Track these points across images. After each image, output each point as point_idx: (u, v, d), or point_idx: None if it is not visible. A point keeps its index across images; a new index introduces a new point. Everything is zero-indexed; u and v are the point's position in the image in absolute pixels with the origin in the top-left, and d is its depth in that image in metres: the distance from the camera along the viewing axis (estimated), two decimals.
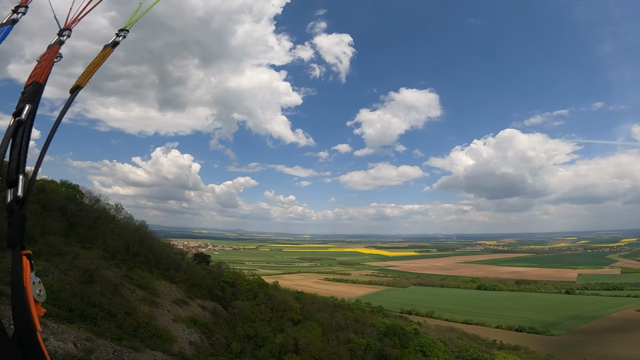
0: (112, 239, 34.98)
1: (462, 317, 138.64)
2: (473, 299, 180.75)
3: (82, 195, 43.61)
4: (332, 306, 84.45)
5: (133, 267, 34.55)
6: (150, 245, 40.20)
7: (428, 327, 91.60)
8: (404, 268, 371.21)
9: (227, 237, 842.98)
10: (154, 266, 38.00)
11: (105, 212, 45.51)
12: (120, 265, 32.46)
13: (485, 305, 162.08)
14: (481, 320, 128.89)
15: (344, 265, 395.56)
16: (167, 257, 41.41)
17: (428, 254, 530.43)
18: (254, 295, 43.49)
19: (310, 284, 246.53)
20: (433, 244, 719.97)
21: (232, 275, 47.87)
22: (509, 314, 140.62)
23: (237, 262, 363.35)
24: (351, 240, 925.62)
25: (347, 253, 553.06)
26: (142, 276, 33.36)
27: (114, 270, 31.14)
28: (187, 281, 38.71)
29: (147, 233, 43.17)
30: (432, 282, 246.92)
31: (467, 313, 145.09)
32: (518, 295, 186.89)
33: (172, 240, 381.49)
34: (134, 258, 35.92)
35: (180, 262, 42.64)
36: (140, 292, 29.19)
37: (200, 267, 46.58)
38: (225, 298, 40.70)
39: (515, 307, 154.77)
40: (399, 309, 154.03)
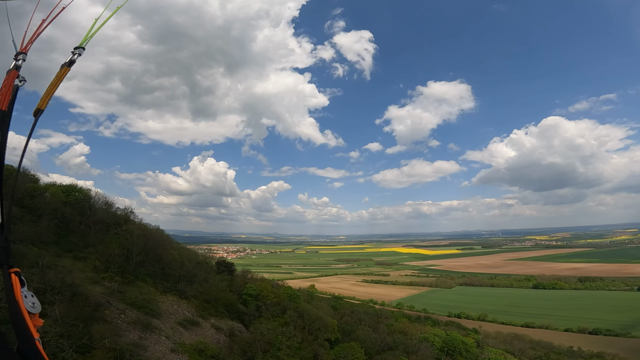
0: (109, 248, 29.48)
1: (521, 319, 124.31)
2: (531, 299, 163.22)
3: (90, 199, 38.97)
4: (374, 316, 75.63)
5: (134, 280, 28.82)
6: (159, 254, 34.40)
7: (487, 335, 79.80)
8: (447, 267, 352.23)
9: (264, 241, 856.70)
10: (162, 278, 32.11)
11: (116, 217, 40.65)
12: (115, 278, 26.69)
13: (547, 306, 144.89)
14: (545, 322, 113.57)
15: (381, 266, 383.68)
16: (180, 267, 35.46)
17: (472, 252, 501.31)
18: (282, 311, 36.48)
19: (348, 287, 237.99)
20: (476, 241, 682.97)
21: (256, 287, 41.16)
22: (576, 315, 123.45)
23: (274, 266, 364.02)
24: (388, 239, 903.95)
25: (384, 253, 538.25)
26: (143, 291, 27.44)
27: (106, 284, 25.37)
28: (201, 296, 32.56)
29: (156, 240, 37.47)
30: (480, 281, 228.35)
31: (526, 315, 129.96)
32: (583, 294, 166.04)
33: (213, 246, 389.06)
34: (136, 269, 30.18)
35: (195, 272, 36.43)
36: (132, 313, 23.19)
37: (219, 278, 40.28)
38: (248, 314, 33.97)
39: (582, 307, 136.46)
40: (446, 312, 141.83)
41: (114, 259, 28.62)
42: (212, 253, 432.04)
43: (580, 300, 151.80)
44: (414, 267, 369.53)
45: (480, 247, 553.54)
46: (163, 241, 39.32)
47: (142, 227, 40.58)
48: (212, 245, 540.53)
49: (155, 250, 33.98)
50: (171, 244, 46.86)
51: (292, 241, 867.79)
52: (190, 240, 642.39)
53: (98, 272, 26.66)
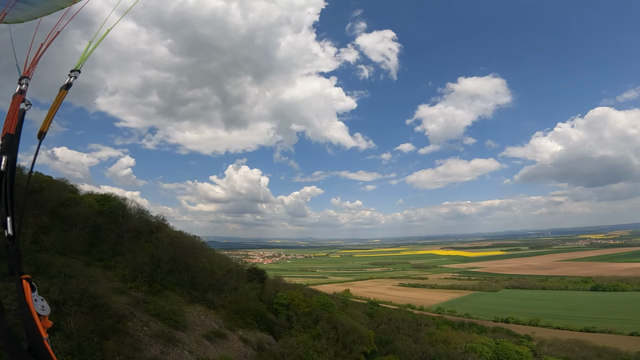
0: (137, 256, 29.26)
1: (579, 323, 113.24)
2: (589, 302, 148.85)
3: (124, 208, 39.62)
4: (413, 323, 71.33)
5: (162, 289, 28.27)
6: (188, 263, 33.86)
7: (542, 342, 72.35)
8: (491, 269, 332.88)
9: (298, 245, 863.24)
10: (191, 287, 31.42)
11: (149, 225, 41.01)
12: (142, 287, 26.22)
13: (608, 309, 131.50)
14: (608, 327, 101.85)
15: (419, 269, 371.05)
16: (209, 276, 34.70)
17: (518, 253, 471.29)
18: (315, 322, 34.59)
19: (384, 291, 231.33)
20: (523, 242, 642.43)
21: (287, 296, 39.51)
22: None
23: (308, 270, 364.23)
24: (424, 242, 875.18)
25: (421, 256, 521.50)
26: (170, 302, 26.74)
27: (132, 294, 24.88)
28: (230, 306, 31.53)
29: (186, 248, 37.05)
30: (529, 283, 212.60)
31: (584, 319, 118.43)
32: None
33: (249, 251, 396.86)
34: (164, 278, 29.69)
35: (225, 281, 35.51)
36: (156, 325, 22.39)
37: (250, 287, 39.16)
38: (278, 325, 32.36)
39: None
40: (492, 317, 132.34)
41: (142, 267, 28.39)
42: (249, 258, 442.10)
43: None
44: (454, 269, 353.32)
45: (528, 248, 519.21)
46: (194, 249, 39.14)
47: (172, 235, 40.56)
48: (249, 250, 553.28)
49: (184, 259, 33.51)
50: (202, 251, 46.59)
51: (326, 245, 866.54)
52: (228, 246, 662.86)
53: (126, 281, 26.44)
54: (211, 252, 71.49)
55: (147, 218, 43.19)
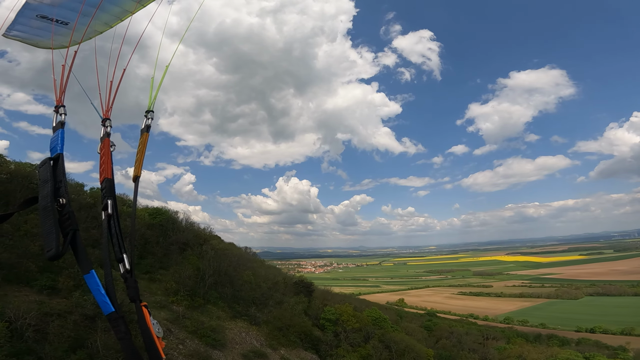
0: (181, 269, 29.08)
1: None
2: None
3: (175, 221, 40.57)
4: (479, 336, 63.89)
5: (204, 303, 27.65)
6: (231, 276, 33.15)
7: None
8: (568, 275, 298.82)
9: (350, 254, 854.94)
10: (234, 302, 30.54)
11: (197, 237, 41.55)
12: (183, 302, 25.75)
13: None
14: None
15: (481, 277, 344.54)
16: (253, 290, 33.66)
17: (601, 257, 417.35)
18: (365, 339, 31.67)
19: (442, 300, 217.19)
20: (605, 244, 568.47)
21: (336, 310, 36.94)
22: None
23: (360, 279, 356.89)
24: (486, 248, 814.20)
25: (483, 262, 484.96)
26: (212, 316, 25.89)
27: (173, 308, 24.40)
28: (274, 321, 30.00)
29: (231, 260, 36.49)
30: (617, 290, 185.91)
31: None
32: None
33: (302, 261, 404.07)
34: (207, 292, 29.13)
35: (270, 294, 34.19)
36: (192, 343, 21.47)
37: (296, 300, 37.37)
38: (325, 342, 30.02)
39: None
40: (574, 326, 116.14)
41: (185, 281, 28.12)
42: (301, 268, 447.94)
43: None
44: (524, 276, 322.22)
45: (612, 251, 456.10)
46: (241, 261, 38.61)
47: (218, 247, 40.41)
48: (301, 260, 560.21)
49: (229, 272, 32.88)
50: (249, 263, 46.12)
51: (379, 254, 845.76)
52: (281, 256, 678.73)
53: (168, 295, 26.19)
54: (260, 264, 71.50)
55: (197, 230, 43.88)
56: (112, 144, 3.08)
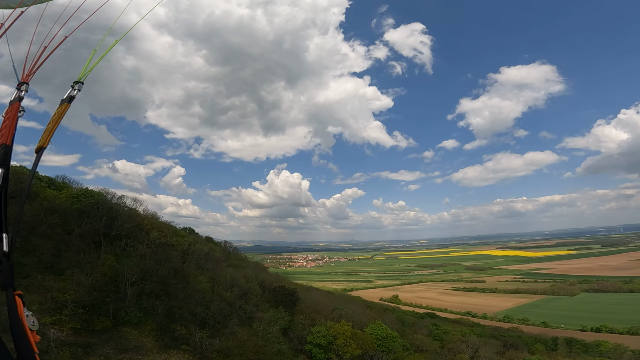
0: (79, 274, 19.72)
1: None
2: None
3: (108, 205, 31.09)
4: (497, 344, 56.42)
5: (114, 326, 18.51)
6: (171, 284, 23.95)
7: None
8: (559, 270, 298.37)
9: (341, 248, 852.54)
10: (171, 321, 21.55)
11: (140, 227, 32.21)
12: (67, 323, 16.49)
13: None
14: None
15: (473, 271, 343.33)
16: (209, 302, 24.58)
17: (589, 252, 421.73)
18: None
19: (436, 296, 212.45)
20: (592, 240, 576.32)
21: (329, 331, 28.06)
22: None
23: (352, 274, 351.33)
24: (476, 242, 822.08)
25: (474, 257, 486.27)
26: (126, 345, 16.85)
27: (49, 333, 15.24)
28: (233, 354, 20.81)
29: (174, 259, 27.09)
30: (613, 286, 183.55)
31: None
32: None
33: (293, 255, 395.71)
34: (122, 309, 20.01)
35: (233, 310, 25.15)
36: None
37: (272, 317, 28.38)
38: None
39: None
40: (578, 325, 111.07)
41: (80, 291, 18.66)
42: (292, 262, 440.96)
43: None
44: (515, 271, 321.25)
45: (600, 246, 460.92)
46: (201, 261, 29.47)
47: (156, 241, 30.73)
48: (293, 254, 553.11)
49: (168, 278, 23.63)
50: (208, 264, 36.68)
51: (370, 247, 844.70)
52: (272, 250, 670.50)
53: (49, 311, 17.04)
54: (240, 262, 62.15)
55: (136, 217, 34.64)
56: (22, 110, 2.78)
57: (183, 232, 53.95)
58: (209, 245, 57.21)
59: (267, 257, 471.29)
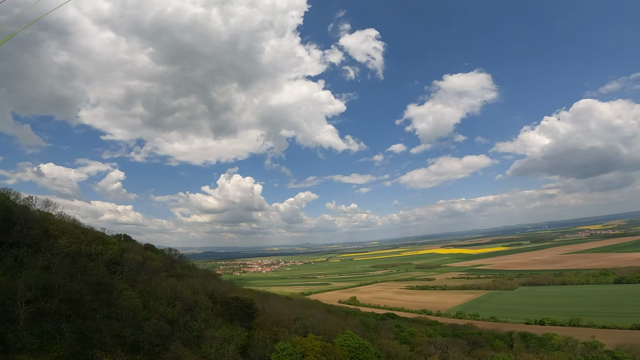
0: None
1: (625, 321, 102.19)
2: (621, 297, 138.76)
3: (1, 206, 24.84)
4: (463, 342, 57.53)
5: (6, 352, 14.52)
6: (85, 302, 19.12)
7: (619, 347, 59.05)
8: (498, 266, 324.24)
9: (296, 252, 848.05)
10: (86, 347, 17.02)
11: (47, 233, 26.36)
12: None
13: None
14: None
15: (423, 270, 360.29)
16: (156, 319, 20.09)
17: (521, 248, 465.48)
18: None
19: (392, 295, 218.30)
20: (522, 236, 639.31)
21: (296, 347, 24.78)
22: None
23: (309, 277, 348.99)
24: (423, 241, 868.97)
25: (422, 256, 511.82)
26: None
27: None
28: None
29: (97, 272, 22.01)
30: (546, 279, 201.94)
31: (629, 315, 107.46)
32: None
33: (247, 260, 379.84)
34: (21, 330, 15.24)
35: (173, 329, 20.81)
36: None
37: (225, 334, 24.49)
38: None
39: None
40: (522, 319, 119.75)
41: None
42: (247, 267, 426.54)
43: None
44: (460, 268, 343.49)
45: (529, 242, 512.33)
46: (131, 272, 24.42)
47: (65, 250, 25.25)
48: (247, 259, 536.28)
49: (87, 291, 18.76)
50: (138, 275, 31.46)
51: (325, 250, 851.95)
52: (225, 256, 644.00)
53: None
54: (187, 270, 56.23)
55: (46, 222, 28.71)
56: None
57: (114, 239, 48.66)
58: (147, 254, 50.94)
59: (219, 264, 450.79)
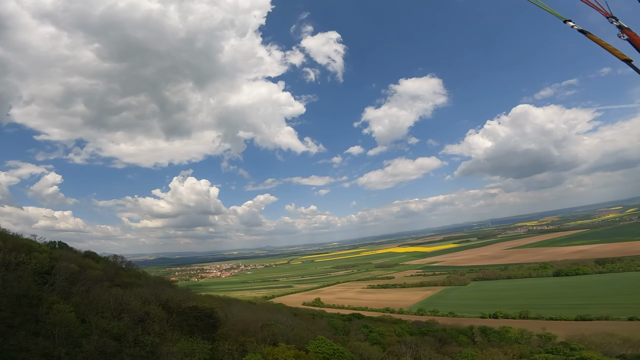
0: None
1: (569, 312, 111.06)
2: (561, 289, 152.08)
3: None
4: (432, 340, 59.55)
5: None
6: None
7: (570, 337, 64.89)
8: (450, 262, 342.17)
9: (257, 255, 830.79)
10: None
11: None
12: None
13: (585, 294, 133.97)
14: (602, 313, 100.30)
15: (382, 269, 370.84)
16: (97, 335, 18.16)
17: (469, 244, 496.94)
18: None
19: (355, 295, 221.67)
20: (469, 233, 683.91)
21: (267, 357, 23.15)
22: (626, 300, 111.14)
23: (271, 280, 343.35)
24: (381, 241, 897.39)
25: (381, 255, 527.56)
26: None
27: None
28: None
29: None
30: (494, 274, 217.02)
31: (571, 307, 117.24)
32: (613, 277, 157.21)
33: (205, 265, 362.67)
34: None
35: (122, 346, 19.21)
36: None
37: (185, 349, 22.53)
38: None
39: (624, 292, 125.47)
40: (478, 313, 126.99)
41: None
42: (205, 273, 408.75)
43: (615, 284, 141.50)
44: (416, 266, 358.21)
45: (476, 239, 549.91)
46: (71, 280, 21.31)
47: None
48: (205, 264, 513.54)
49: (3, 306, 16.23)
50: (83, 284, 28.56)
51: (286, 252, 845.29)
52: (181, 262, 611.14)
53: None
54: (135, 278, 52.05)
55: None
56: None
57: (44, 247, 44.34)
58: (86, 262, 46.42)
59: (174, 270, 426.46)
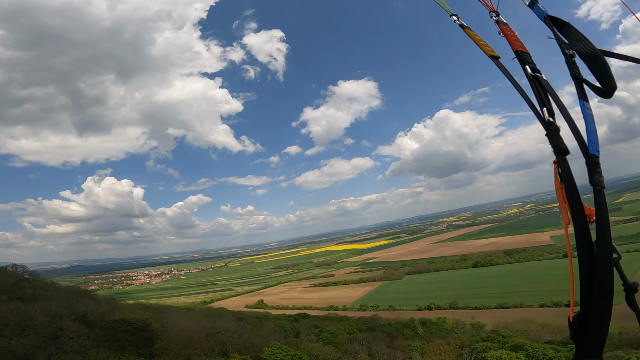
0: None
1: (490, 301, 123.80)
2: (481, 279, 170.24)
3: None
4: (383, 335, 63.69)
5: None
6: None
7: (500, 325, 73.13)
8: (384, 258, 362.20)
9: (190, 259, 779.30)
10: None
11: None
12: None
13: (501, 284, 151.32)
14: (517, 301, 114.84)
15: (323, 267, 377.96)
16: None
17: (400, 240, 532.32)
18: None
19: (298, 295, 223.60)
20: (400, 230, 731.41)
21: None
22: (535, 288, 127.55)
23: (208, 284, 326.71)
24: (319, 240, 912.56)
25: (320, 254, 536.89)
26: None
27: None
28: None
29: None
30: (423, 267, 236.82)
31: (491, 296, 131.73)
32: (520, 267, 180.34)
33: (131, 272, 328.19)
34: None
35: None
36: None
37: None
38: None
39: (531, 280, 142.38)
40: (414, 306, 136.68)
41: None
42: (131, 280, 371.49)
43: (523, 273, 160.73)
44: (354, 262, 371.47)
45: (406, 235, 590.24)
46: None
47: None
48: (130, 271, 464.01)
49: None
50: None
51: (223, 255, 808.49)
52: (100, 269, 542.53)
53: None
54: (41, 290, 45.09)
55: None
56: None
57: None
58: None
59: (93, 278, 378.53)
